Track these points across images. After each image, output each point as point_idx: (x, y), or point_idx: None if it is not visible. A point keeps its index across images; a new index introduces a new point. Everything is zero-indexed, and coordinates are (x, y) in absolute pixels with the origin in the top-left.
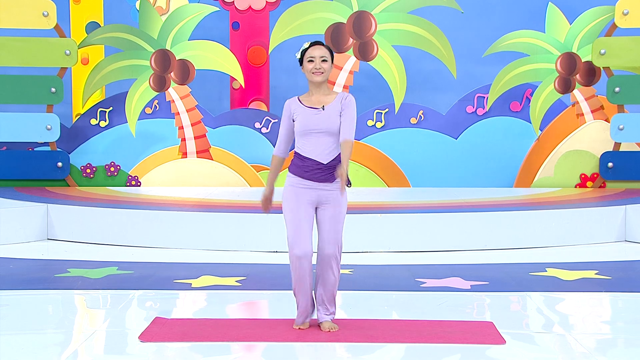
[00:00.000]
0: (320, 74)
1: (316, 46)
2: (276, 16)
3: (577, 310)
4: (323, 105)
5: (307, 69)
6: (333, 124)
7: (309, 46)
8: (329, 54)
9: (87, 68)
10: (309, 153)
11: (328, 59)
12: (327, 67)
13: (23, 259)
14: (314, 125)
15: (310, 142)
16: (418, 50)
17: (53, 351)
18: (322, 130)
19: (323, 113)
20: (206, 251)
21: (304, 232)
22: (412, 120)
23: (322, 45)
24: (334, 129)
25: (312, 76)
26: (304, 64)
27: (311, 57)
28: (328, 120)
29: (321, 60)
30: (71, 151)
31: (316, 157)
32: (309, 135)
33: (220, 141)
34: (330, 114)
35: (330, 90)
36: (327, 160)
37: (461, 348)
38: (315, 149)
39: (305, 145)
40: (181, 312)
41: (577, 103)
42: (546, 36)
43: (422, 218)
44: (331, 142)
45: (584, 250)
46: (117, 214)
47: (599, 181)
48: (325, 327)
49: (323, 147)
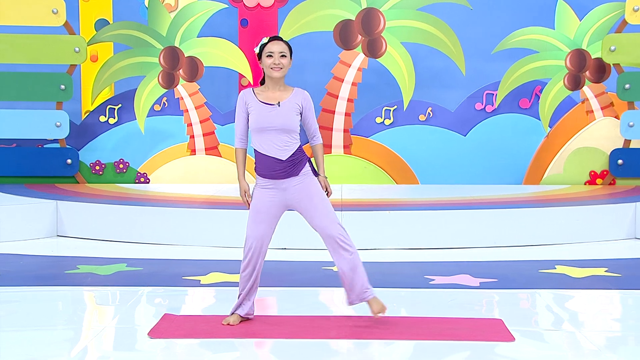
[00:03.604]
0: (279, 69)
1: (275, 41)
2: (285, 13)
3: (586, 308)
4: (279, 102)
5: (265, 64)
6: (289, 120)
7: (268, 41)
8: (287, 50)
9: (96, 65)
10: (266, 151)
11: (287, 54)
12: (285, 63)
13: (33, 255)
14: (268, 122)
15: (266, 139)
16: (427, 47)
17: (63, 347)
18: (277, 127)
19: (278, 109)
20: (215, 248)
21: (260, 225)
22: (421, 117)
23: (281, 40)
24: (290, 125)
25: (271, 71)
26: (263, 59)
27: (270, 52)
28: (284, 116)
29: (280, 56)
30: (80, 148)
31: (274, 154)
32: (264, 132)
33: (229, 138)
34: (287, 110)
35: (287, 86)
36: (286, 156)
37: (470, 345)
38: (272, 146)
39: (261, 143)
40: (190, 309)
41: (587, 100)
42: (556, 33)
43: (431, 215)
44: (287, 138)
45: (593, 247)
46: (126, 210)
47: (608, 178)
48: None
49: (280, 143)
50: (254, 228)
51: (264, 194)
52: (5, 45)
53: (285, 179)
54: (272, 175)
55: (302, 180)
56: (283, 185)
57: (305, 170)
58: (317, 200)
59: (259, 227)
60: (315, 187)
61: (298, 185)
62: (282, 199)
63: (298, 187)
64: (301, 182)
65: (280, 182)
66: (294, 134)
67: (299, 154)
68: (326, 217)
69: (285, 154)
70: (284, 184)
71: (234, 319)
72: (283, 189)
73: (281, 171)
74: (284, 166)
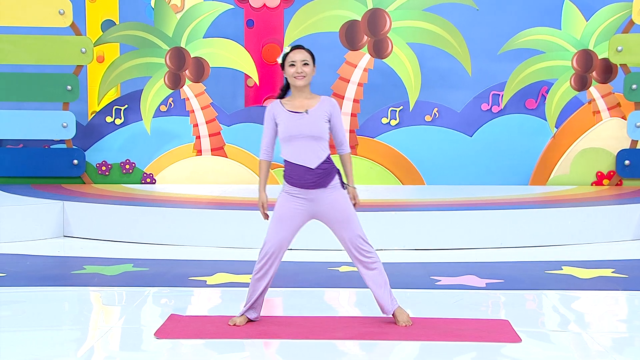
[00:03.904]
0: (302, 77)
1: (297, 50)
2: (291, 14)
3: (593, 309)
4: (307, 109)
5: (289, 74)
6: (318, 128)
7: (290, 50)
8: (310, 58)
9: (103, 66)
10: (296, 159)
11: (309, 63)
12: (308, 71)
13: (39, 255)
14: (298, 131)
15: (296, 148)
16: (433, 47)
17: (69, 347)
18: (306, 135)
19: (307, 117)
20: (221, 248)
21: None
22: (427, 118)
23: (303, 49)
24: (320, 133)
25: (294, 80)
26: (286, 69)
27: (292, 61)
28: (313, 124)
29: (302, 64)
30: (87, 148)
31: (304, 162)
32: (293, 140)
33: (235, 139)
34: (315, 118)
35: (312, 94)
36: (316, 164)
37: (476, 346)
38: (301, 154)
39: (291, 152)
40: (196, 309)
41: (594, 100)
42: (562, 33)
43: (437, 216)
44: (317, 145)
45: (600, 248)
46: (132, 211)
47: (615, 179)
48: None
49: (309, 151)
50: (274, 234)
51: (289, 201)
52: (12, 46)
53: (314, 189)
54: (302, 184)
55: (331, 193)
56: (311, 196)
57: (334, 182)
58: (344, 214)
59: (279, 234)
60: (343, 200)
61: (326, 197)
62: (308, 208)
63: (326, 199)
64: (330, 194)
65: (309, 192)
66: (324, 142)
67: (329, 163)
68: (350, 230)
69: (315, 162)
70: (312, 194)
71: (240, 319)
72: (310, 200)
73: (311, 181)
74: (313, 175)
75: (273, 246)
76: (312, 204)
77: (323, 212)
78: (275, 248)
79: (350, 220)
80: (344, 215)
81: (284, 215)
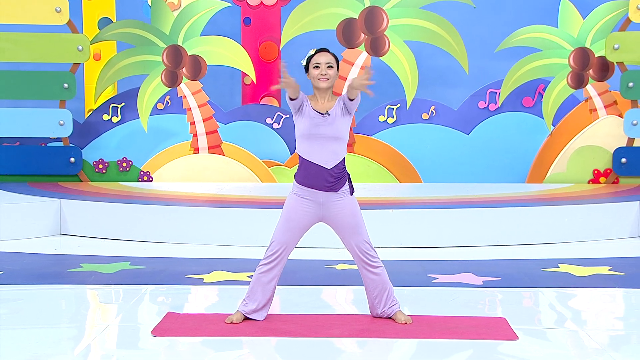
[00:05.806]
0: (326, 80)
1: (322, 53)
2: (288, 12)
3: (590, 306)
4: (327, 111)
5: (313, 75)
6: (338, 128)
7: (315, 53)
8: (334, 61)
9: (100, 64)
10: (312, 157)
11: (334, 65)
12: (332, 74)
13: (36, 253)
14: (319, 131)
15: (315, 146)
16: (430, 45)
17: (66, 345)
18: (327, 135)
19: (328, 119)
20: (218, 246)
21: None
22: (424, 116)
23: (328, 52)
24: (339, 133)
25: (318, 82)
26: (310, 70)
27: (317, 63)
28: (333, 125)
29: (327, 67)
30: (83, 147)
31: (319, 161)
32: (313, 139)
33: (232, 137)
34: (335, 118)
35: (333, 96)
36: (331, 165)
37: (473, 344)
38: (319, 153)
39: (308, 150)
40: (193, 307)
41: (590, 98)
42: (559, 31)
43: (434, 214)
44: (336, 146)
45: (597, 246)
46: (129, 209)
47: (612, 177)
48: (400, 318)
49: (328, 151)
50: (281, 234)
51: (298, 203)
52: (9, 44)
53: (326, 192)
54: (313, 185)
55: (340, 198)
56: (321, 200)
57: (344, 188)
58: (352, 220)
59: (286, 234)
60: (352, 206)
61: (336, 202)
62: (316, 211)
63: (335, 205)
64: (339, 199)
65: (319, 195)
66: (343, 143)
67: (342, 167)
68: (358, 235)
69: (331, 162)
70: (322, 197)
71: (237, 317)
72: (320, 203)
73: (324, 183)
74: (327, 177)
75: (280, 244)
76: (321, 207)
77: (331, 216)
78: (281, 247)
79: (359, 226)
80: (353, 222)
81: (292, 217)
